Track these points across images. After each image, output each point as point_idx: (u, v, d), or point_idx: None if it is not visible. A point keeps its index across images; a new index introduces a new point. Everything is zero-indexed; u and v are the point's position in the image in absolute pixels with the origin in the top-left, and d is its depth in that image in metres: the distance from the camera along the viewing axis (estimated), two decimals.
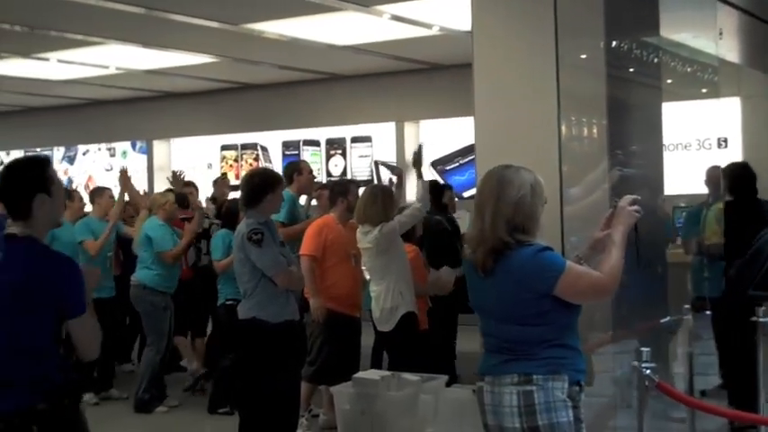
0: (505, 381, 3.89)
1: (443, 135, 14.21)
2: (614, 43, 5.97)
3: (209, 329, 9.75)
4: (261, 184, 6.15)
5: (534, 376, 3.86)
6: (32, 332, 3.86)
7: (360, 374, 6.44)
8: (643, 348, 4.74)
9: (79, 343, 3.99)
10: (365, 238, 7.18)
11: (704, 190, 8.56)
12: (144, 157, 17.30)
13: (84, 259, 8.44)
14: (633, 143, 6.37)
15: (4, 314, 3.75)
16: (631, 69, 6.40)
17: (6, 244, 3.89)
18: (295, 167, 8.55)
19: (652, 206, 6.65)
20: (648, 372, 4.63)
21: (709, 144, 11.97)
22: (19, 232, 3.87)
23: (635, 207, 4.18)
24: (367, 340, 7.90)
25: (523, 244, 3.88)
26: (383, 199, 7.17)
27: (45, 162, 3.98)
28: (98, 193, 9.38)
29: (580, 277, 3.95)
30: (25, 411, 3.85)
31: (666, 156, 8.05)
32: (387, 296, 7.14)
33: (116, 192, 9.68)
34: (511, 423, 3.86)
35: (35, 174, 3.89)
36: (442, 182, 11.31)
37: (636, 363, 4.71)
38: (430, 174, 13.86)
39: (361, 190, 7.55)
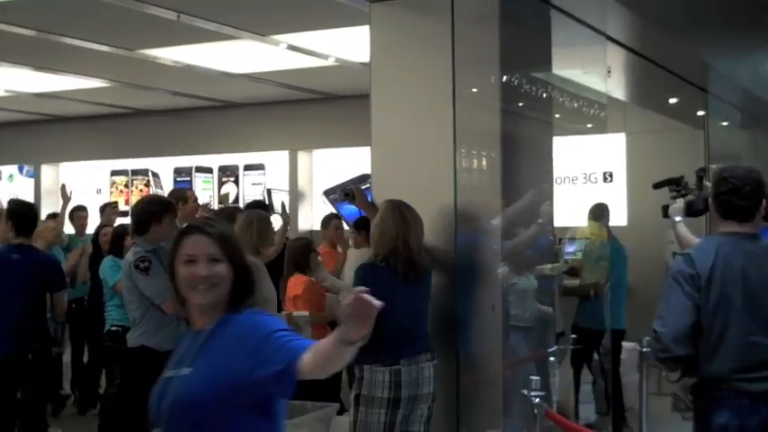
0: (422, 359, 5.29)
1: (336, 164, 14.24)
2: (509, 78, 6.09)
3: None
4: (148, 212, 6.09)
5: (433, 353, 5.39)
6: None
7: None
8: (533, 377, 4.84)
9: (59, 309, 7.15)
10: None
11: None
12: (31, 181, 16.92)
13: None
14: (526, 176, 6.50)
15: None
16: (524, 104, 6.54)
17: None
18: (180, 196, 8.07)
19: (543, 239, 6.80)
20: (538, 400, 4.72)
21: (596, 178, 12.27)
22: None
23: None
24: None
25: None
26: (258, 225, 6.66)
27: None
28: None
29: None
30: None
31: (555, 188, 8.24)
32: None
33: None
34: (428, 389, 5.28)
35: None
36: (333, 211, 11.34)
37: (525, 391, 4.80)
38: (322, 203, 13.89)
39: None
